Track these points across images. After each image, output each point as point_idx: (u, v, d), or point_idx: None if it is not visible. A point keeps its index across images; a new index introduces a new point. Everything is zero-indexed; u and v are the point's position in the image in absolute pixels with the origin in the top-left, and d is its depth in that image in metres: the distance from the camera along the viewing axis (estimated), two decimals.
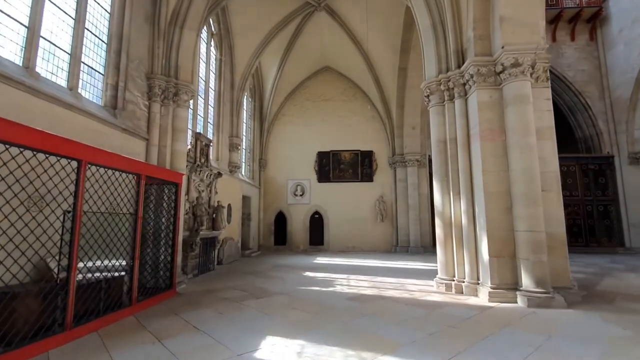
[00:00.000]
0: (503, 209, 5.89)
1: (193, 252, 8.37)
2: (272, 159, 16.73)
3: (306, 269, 9.61)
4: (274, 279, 8.00)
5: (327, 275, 8.45)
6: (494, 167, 6.02)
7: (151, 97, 7.13)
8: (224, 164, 11.63)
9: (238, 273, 8.95)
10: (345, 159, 16.45)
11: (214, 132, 11.31)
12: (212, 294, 6.40)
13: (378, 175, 16.24)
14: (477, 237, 6.23)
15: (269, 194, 16.45)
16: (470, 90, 6.51)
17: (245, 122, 15.06)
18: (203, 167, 9.25)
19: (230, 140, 12.05)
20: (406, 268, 9.85)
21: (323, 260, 12.15)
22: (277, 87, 16.07)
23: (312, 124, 16.78)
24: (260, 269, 9.79)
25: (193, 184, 8.82)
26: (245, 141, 15.12)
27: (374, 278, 8.01)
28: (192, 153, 8.92)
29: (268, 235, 16.23)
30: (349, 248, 15.71)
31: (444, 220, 6.79)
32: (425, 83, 7.28)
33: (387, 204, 15.87)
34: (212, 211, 9.86)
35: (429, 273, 8.50)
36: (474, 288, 6.13)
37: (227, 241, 11.21)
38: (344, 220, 15.93)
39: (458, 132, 6.69)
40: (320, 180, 16.38)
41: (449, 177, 6.80)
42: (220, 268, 9.93)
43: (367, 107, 15.58)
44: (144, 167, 5.42)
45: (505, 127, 6.05)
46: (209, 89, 10.97)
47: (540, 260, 5.46)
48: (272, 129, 16.88)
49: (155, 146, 7.05)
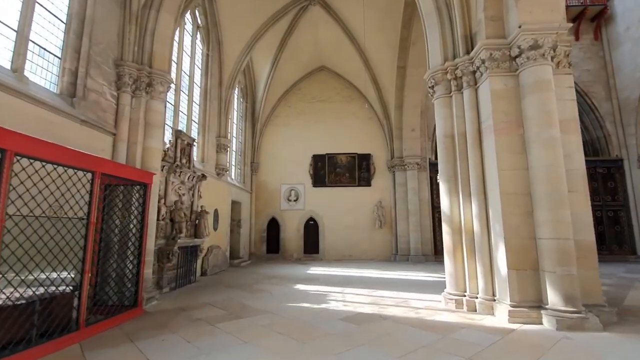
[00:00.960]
0: (522, 213, 5.07)
1: (170, 263, 7.46)
2: (264, 162, 15.89)
3: (298, 281, 8.70)
4: (261, 293, 7.09)
5: (321, 289, 7.55)
6: (510, 164, 5.21)
7: (120, 87, 6.30)
8: (210, 166, 10.77)
9: (222, 286, 8.03)
10: (342, 162, 15.64)
11: (200, 132, 10.48)
12: (185, 312, 5.49)
13: (376, 179, 15.43)
14: (491, 245, 5.39)
15: (261, 199, 15.56)
16: (481, 78, 5.74)
17: (236, 123, 14.26)
18: (184, 168, 8.38)
19: (218, 140, 11.21)
20: (408, 279, 8.97)
21: (317, 270, 11.25)
22: (270, 87, 15.33)
23: (306, 125, 16.01)
24: (248, 280, 8.87)
25: (171, 186, 7.95)
26: (236, 143, 14.29)
27: (372, 292, 7.12)
28: (172, 152, 8.06)
29: (260, 243, 15.30)
30: (345, 256, 14.80)
31: (453, 226, 5.95)
32: (430, 72, 6.52)
33: (386, 210, 15.03)
34: (194, 217, 8.97)
35: (434, 286, 7.63)
36: (489, 305, 5.27)
37: (212, 250, 10.29)
38: (340, 227, 15.05)
39: (468, 126, 5.90)
40: (315, 184, 15.54)
41: (458, 177, 5.98)
42: (203, 280, 8.99)
43: (364, 106, 14.84)
44: (100, 163, 4.56)
45: (523, 119, 5.26)
46: (194, 84, 10.17)
47: (569, 272, 4.62)
48: (265, 130, 16.07)
49: (124, 142, 6.20)
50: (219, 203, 11.36)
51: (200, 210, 9.08)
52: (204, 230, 8.88)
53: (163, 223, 7.48)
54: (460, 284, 5.76)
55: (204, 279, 9.23)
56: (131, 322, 4.98)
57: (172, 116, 8.88)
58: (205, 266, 9.82)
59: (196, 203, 9.14)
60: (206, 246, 10.11)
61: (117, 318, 4.96)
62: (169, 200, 7.75)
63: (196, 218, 8.95)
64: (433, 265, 12.39)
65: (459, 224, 5.92)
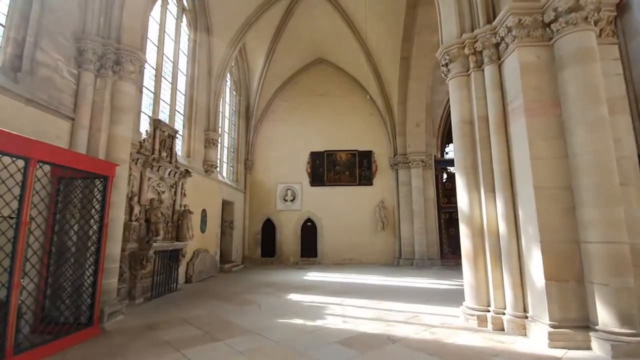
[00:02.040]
0: (562, 211, 4.14)
1: (144, 270, 6.51)
2: (259, 160, 14.97)
3: (293, 289, 7.75)
4: (248, 305, 6.14)
5: (317, 299, 6.60)
6: (546, 152, 4.29)
7: (81, 64, 5.38)
8: (197, 162, 9.84)
9: (206, 296, 7.08)
10: (341, 160, 14.71)
11: (185, 124, 9.56)
12: (151, 332, 4.54)
13: (378, 178, 14.49)
14: (521, 250, 4.46)
15: (256, 199, 14.62)
16: (506, 51, 4.82)
17: (228, 117, 13.34)
18: (163, 162, 7.46)
19: (207, 134, 10.29)
20: (415, 287, 8.01)
21: (315, 275, 10.29)
22: (265, 81, 14.43)
23: (304, 121, 15.09)
24: (237, 289, 7.92)
25: (148, 182, 7.02)
26: (228, 139, 13.37)
27: (376, 303, 6.16)
28: (149, 144, 7.14)
29: (254, 246, 14.34)
30: (345, 260, 13.84)
31: (473, 228, 5.01)
32: (443, 48, 5.59)
33: (389, 211, 14.08)
34: (177, 217, 8.03)
35: (447, 296, 6.68)
36: (520, 324, 4.33)
37: (199, 254, 9.34)
38: (339, 229, 14.10)
39: (490, 109, 4.98)
40: (313, 183, 14.60)
41: (479, 170, 5.05)
42: (186, 288, 8.04)
43: (365, 98, 13.91)
44: (37, 149, 3.63)
45: (560, 97, 4.34)
46: (179, 71, 9.26)
47: (624, 285, 3.70)
48: (260, 126, 15.16)
49: (85, 129, 5.27)
50: (208, 203, 10.42)
51: (183, 209, 8.14)
52: (187, 232, 7.94)
53: (137, 224, 6.54)
54: (482, 296, 4.82)
55: (187, 286, 8.28)
56: (81, 345, 4.04)
57: (152, 105, 7.96)
58: (190, 272, 8.87)
59: (179, 202, 8.21)
60: (191, 250, 9.17)
61: (65, 340, 4.01)
62: (144, 197, 6.82)
63: (178, 219, 8.01)
64: (440, 270, 11.44)
65: (480, 224, 4.98)
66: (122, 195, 5.59)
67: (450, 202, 13.77)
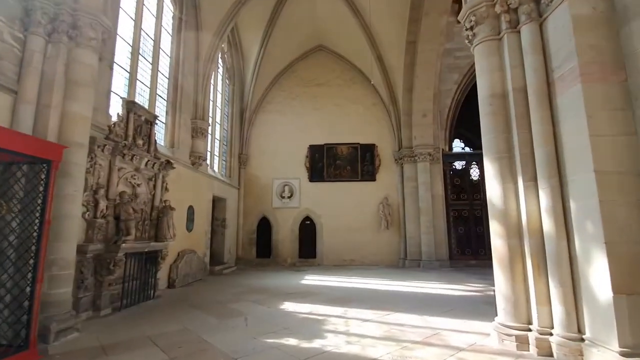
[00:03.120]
0: (633, 204, 3.17)
1: (112, 275, 5.55)
2: (254, 154, 13.99)
3: (288, 296, 6.79)
4: (233, 317, 5.18)
5: (315, 310, 5.64)
6: (609, 127, 3.32)
7: (28, 27, 4.41)
8: (182, 154, 8.87)
9: (186, 305, 6.12)
10: (342, 153, 13.74)
11: (169, 111, 8.59)
12: (103, 359, 3.58)
13: (382, 173, 13.52)
14: (573, 254, 3.50)
15: (251, 195, 13.65)
16: (551, 4, 3.84)
17: (220, 107, 12.36)
18: (139, 151, 6.49)
19: (194, 123, 9.32)
20: (427, 294, 7.05)
21: (314, 279, 9.34)
22: (261, 69, 13.44)
23: (302, 113, 14.12)
24: (224, 296, 6.96)
25: (118, 173, 6.05)
26: (221, 131, 12.40)
27: (385, 315, 5.21)
28: (121, 129, 6.17)
29: (249, 246, 13.38)
30: (346, 262, 12.88)
31: (508, 226, 4.04)
32: (468, 8, 4.61)
33: (393, 208, 13.12)
34: (156, 214, 7.07)
35: (467, 305, 5.73)
36: (575, 349, 3.37)
37: (184, 256, 8.38)
38: (340, 228, 13.14)
39: (529, 78, 4.01)
40: (312, 179, 13.63)
41: (515, 153, 4.09)
42: (167, 295, 7.08)
43: (369, 84, 12.87)
44: None
45: (625, 58, 3.38)
46: (161, 51, 8.27)
47: None
48: (255, 118, 14.18)
49: (31, 104, 4.30)
50: (196, 198, 9.46)
51: (163, 205, 7.18)
52: (168, 231, 6.98)
53: (103, 222, 5.57)
54: (521, 312, 3.85)
55: (169, 293, 7.33)
56: None
57: (128, 86, 6.99)
58: (173, 276, 7.91)
59: (159, 197, 7.24)
60: (175, 251, 8.22)
61: None
62: (113, 191, 5.85)
63: (157, 216, 7.05)
64: (450, 273, 10.48)
65: (517, 221, 4.02)
66: (79, 186, 4.62)
67: (460, 199, 12.84)
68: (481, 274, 9.89)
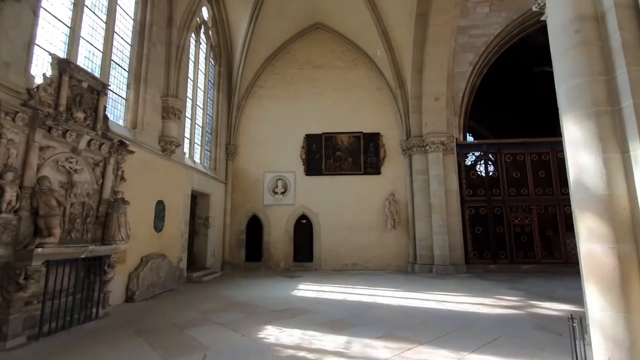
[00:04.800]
0: None
1: (24, 292, 3.99)
2: (244, 144, 12.43)
3: (272, 316, 5.24)
4: (184, 357, 3.61)
5: (306, 340, 4.08)
6: None
7: None
8: (149, 137, 7.32)
9: (131, 330, 4.55)
10: (343, 144, 12.18)
11: (131, 84, 7.03)
12: None
13: (387, 165, 11.97)
14: None
15: (240, 191, 12.10)
16: None
17: (204, 90, 10.81)
18: (75, 125, 4.94)
19: (165, 102, 7.77)
20: (453, 312, 5.49)
21: (309, 288, 7.79)
22: (251, 49, 11.89)
23: (298, 98, 12.56)
24: (189, 314, 5.39)
25: (41, 153, 4.49)
26: (204, 117, 10.84)
27: (406, 351, 3.64)
28: (48, 95, 4.62)
29: (237, 249, 11.81)
30: (347, 266, 11.33)
31: (615, 220, 2.48)
32: None
33: (401, 205, 11.56)
34: (104, 210, 5.51)
35: (513, 330, 4.17)
36: None
37: (148, 261, 6.82)
38: (340, 228, 11.59)
39: None
40: (309, 172, 12.08)
41: (621, 106, 2.53)
42: (117, 313, 5.52)
43: (375, 54, 11.30)
44: None
45: None
46: (118, 8, 6.71)
47: None
48: (245, 104, 12.62)
49: None
50: (168, 192, 7.91)
51: (115, 199, 5.62)
52: (118, 231, 5.41)
53: (11, 217, 4.02)
54: None
55: (124, 309, 5.77)
56: None
57: (67, 44, 5.43)
58: (132, 287, 6.35)
59: (110, 188, 5.68)
60: (138, 256, 6.67)
61: None
62: (31, 176, 4.28)
63: (105, 212, 5.49)
64: (470, 280, 8.92)
65: (629, 215, 2.46)
66: None
67: (476, 195, 11.28)
68: (508, 282, 8.35)
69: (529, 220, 10.95)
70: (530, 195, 11.03)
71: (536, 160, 11.26)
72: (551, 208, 10.96)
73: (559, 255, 10.71)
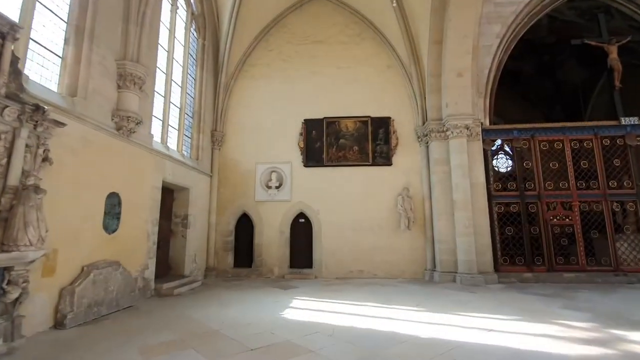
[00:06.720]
0: None
1: None
2: (232, 130, 10.74)
3: (248, 356, 3.52)
4: None
5: None
6: None
7: None
8: (97, 110, 5.63)
9: None
10: (348, 130, 10.45)
11: (70, 38, 5.35)
12: None
13: (400, 154, 10.22)
14: None
15: (228, 185, 10.41)
16: None
17: (183, 66, 9.13)
18: None
19: (121, 66, 6.08)
20: (510, 350, 3.74)
21: (304, 306, 6.08)
22: (241, 21, 10.23)
23: (296, 78, 10.86)
24: (123, 355, 3.69)
25: None
26: (183, 97, 9.16)
27: None
28: None
29: (223, 253, 10.11)
30: (352, 273, 9.60)
31: None
32: None
33: (416, 201, 9.81)
34: (9, 201, 3.82)
35: None
36: None
37: (91, 272, 5.13)
38: (345, 228, 9.86)
39: None
40: (307, 163, 10.36)
41: None
42: (33, 346, 3.83)
43: (392, 4, 9.41)
44: None
45: None
46: None
47: None
48: (235, 85, 10.94)
49: None
50: (126, 183, 6.22)
51: (23, 187, 3.93)
52: (24, 233, 3.73)
53: None
54: None
55: (45, 339, 4.09)
56: None
57: None
58: (64, 308, 4.66)
59: (19, 171, 3.99)
60: (77, 265, 4.99)
61: None
62: None
63: (9, 204, 3.80)
64: (507, 294, 7.16)
65: None
66: None
67: (507, 189, 9.52)
68: (556, 296, 6.62)
69: (570, 220, 9.16)
70: (571, 189, 9.26)
71: (577, 148, 9.49)
72: (596, 205, 9.17)
73: (607, 261, 8.91)
